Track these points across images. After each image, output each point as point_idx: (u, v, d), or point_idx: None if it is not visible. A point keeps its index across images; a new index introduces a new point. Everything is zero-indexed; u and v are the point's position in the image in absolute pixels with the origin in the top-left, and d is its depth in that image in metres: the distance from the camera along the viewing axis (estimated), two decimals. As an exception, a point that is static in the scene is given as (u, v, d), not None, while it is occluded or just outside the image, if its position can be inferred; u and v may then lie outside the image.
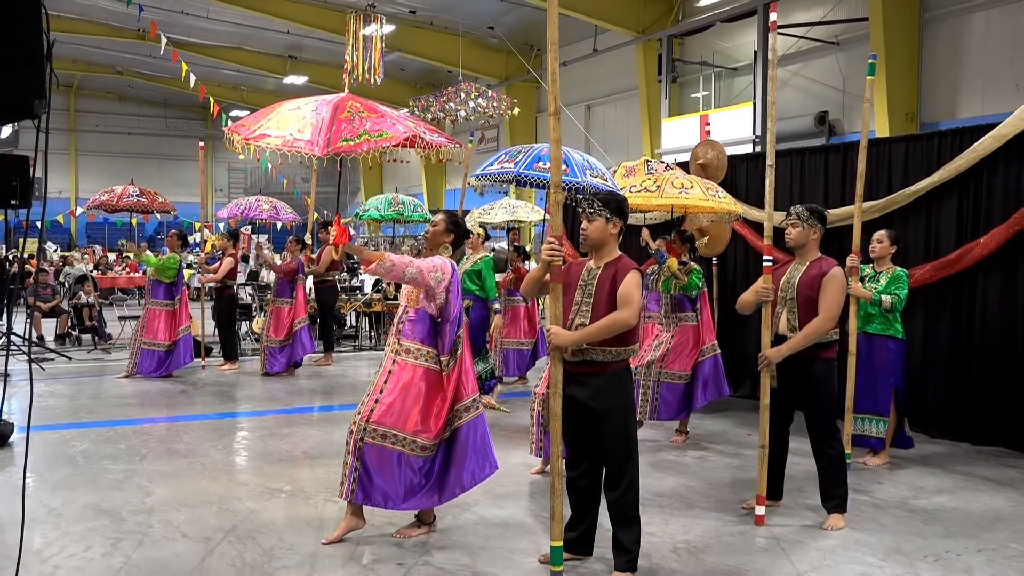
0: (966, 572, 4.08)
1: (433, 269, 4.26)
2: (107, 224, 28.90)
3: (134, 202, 11.66)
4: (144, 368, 9.49)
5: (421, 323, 4.30)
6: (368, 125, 5.18)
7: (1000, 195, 6.55)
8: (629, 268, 3.84)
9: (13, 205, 3.34)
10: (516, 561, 4.13)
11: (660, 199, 6.39)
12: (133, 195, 11.63)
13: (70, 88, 31.83)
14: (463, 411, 4.30)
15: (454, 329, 4.31)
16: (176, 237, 10.01)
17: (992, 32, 12.75)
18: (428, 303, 4.29)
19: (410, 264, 4.22)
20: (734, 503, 5.09)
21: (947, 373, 6.86)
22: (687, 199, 6.40)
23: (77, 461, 5.94)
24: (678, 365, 6.61)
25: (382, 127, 5.12)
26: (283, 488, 5.35)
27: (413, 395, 4.24)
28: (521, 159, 5.95)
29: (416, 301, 4.32)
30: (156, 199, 11.88)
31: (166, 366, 9.54)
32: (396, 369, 4.30)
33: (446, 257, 4.44)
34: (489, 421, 7.34)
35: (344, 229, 4.57)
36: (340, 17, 18.71)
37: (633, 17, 18.14)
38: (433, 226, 4.54)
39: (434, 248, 4.50)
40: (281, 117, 5.34)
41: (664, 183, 6.44)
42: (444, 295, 4.29)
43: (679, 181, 6.46)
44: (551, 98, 3.81)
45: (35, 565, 3.98)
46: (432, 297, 4.28)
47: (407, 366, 4.28)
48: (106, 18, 21.76)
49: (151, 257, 9.81)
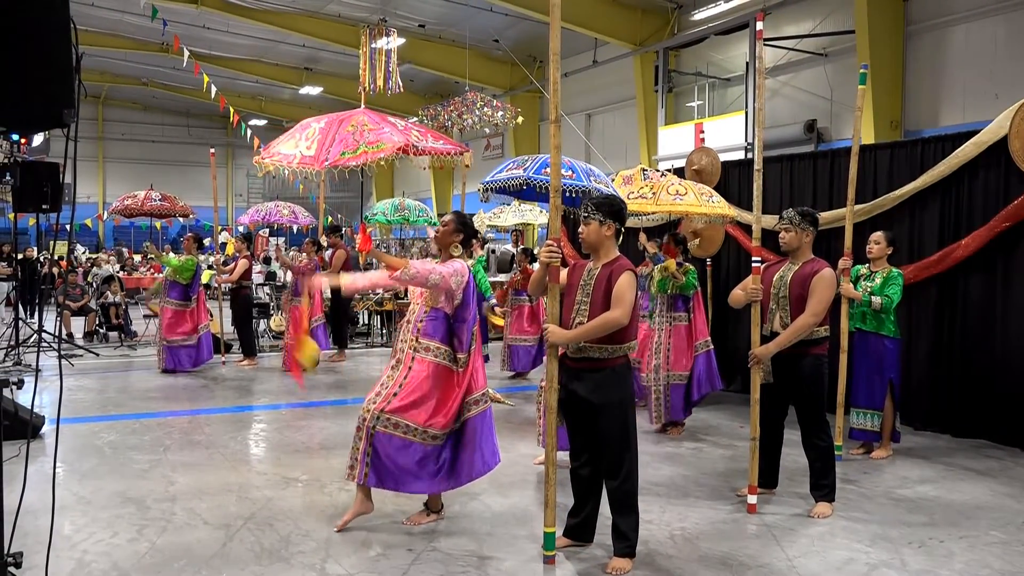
0: (948, 558, 4.07)
1: (454, 274, 4.25)
2: (132, 228, 28.94)
3: (157, 206, 11.69)
4: (171, 362, 9.53)
5: (439, 322, 4.30)
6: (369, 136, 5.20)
7: (981, 199, 6.54)
8: (624, 269, 3.84)
9: (44, 209, 3.35)
10: (520, 547, 4.12)
11: (655, 206, 6.38)
12: (155, 200, 11.66)
13: (98, 99, 31.87)
14: (473, 404, 4.31)
15: (470, 328, 4.32)
16: (192, 240, 10.03)
17: (972, 44, 12.72)
18: (446, 303, 4.29)
19: (433, 271, 4.21)
20: (728, 492, 5.08)
21: (930, 368, 6.84)
22: (681, 204, 6.39)
23: (104, 452, 5.95)
24: (680, 366, 6.61)
25: (380, 138, 5.14)
26: (299, 477, 5.35)
27: (430, 390, 4.24)
28: (529, 165, 6.00)
29: (435, 301, 4.32)
30: (176, 204, 11.91)
31: (194, 360, 9.58)
32: (415, 366, 4.29)
33: (458, 257, 4.43)
34: (496, 415, 7.36)
35: (368, 236, 4.57)
36: (354, 31, 18.71)
37: (631, 30, 18.13)
38: (444, 226, 4.52)
39: (444, 248, 4.48)
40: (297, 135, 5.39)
41: (659, 190, 6.43)
42: (462, 296, 4.30)
43: (674, 188, 6.45)
44: (553, 107, 3.81)
45: (65, 550, 3.99)
46: (451, 299, 4.28)
47: (426, 363, 4.28)
48: (132, 32, 21.79)
49: (172, 259, 9.85)
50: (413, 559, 3.95)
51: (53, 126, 2.83)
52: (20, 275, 14.38)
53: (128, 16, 19.85)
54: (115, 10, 19.24)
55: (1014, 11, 12.15)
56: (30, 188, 3.23)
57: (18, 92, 2.70)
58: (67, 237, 17.17)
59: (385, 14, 18.47)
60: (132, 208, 11.55)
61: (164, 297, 9.82)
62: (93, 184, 32.51)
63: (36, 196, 3.25)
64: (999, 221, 6.29)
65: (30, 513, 3.98)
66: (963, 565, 3.97)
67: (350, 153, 5.28)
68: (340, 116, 5.42)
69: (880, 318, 5.91)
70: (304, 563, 3.88)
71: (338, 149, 5.24)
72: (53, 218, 3.49)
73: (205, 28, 20.78)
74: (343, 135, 5.33)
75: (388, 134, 5.21)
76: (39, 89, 2.72)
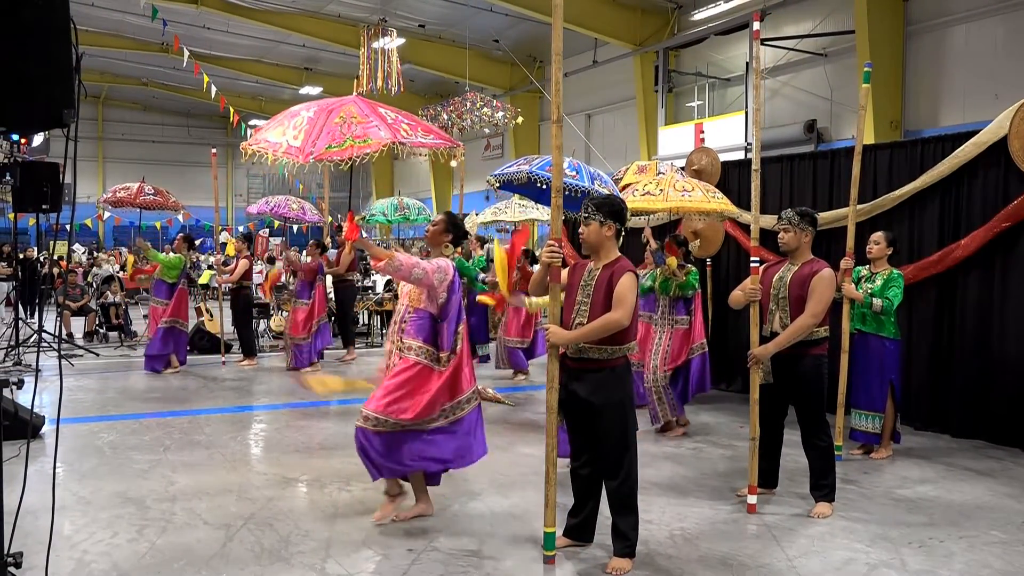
0: (948, 558, 4.06)
1: (437, 270, 4.27)
2: (132, 227, 28.92)
3: (150, 200, 11.68)
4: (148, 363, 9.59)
5: (422, 322, 4.30)
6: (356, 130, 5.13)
7: (980, 199, 6.54)
8: (625, 270, 3.83)
9: (44, 209, 3.35)
10: (520, 547, 4.12)
11: (664, 202, 6.37)
12: (149, 193, 11.65)
13: (98, 99, 31.87)
14: (465, 403, 4.34)
15: (453, 327, 4.31)
16: (183, 240, 10.05)
17: (972, 44, 12.72)
18: (430, 303, 4.30)
19: (416, 265, 4.23)
20: (727, 492, 5.08)
21: (929, 368, 6.84)
22: (690, 202, 6.39)
23: (104, 452, 5.95)
24: (671, 364, 6.60)
25: (367, 132, 5.07)
26: (299, 478, 5.35)
27: (413, 389, 4.24)
28: (536, 161, 6.15)
29: (419, 301, 4.33)
30: (169, 199, 11.90)
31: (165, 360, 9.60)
32: (398, 364, 4.32)
33: (448, 256, 4.45)
34: (496, 415, 7.34)
35: (356, 226, 4.57)
36: (354, 31, 18.74)
37: (631, 30, 18.13)
38: (433, 226, 4.58)
39: (436, 246, 4.52)
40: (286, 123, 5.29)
41: (667, 186, 6.44)
42: (446, 294, 4.30)
43: (680, 184, 6.46)
44: (554, 107, 3.80)
45: (65, 550, 3.99)
46: (434, 297, 4.29)
47: (408, 362, 4.28)
48: (132, 32, 21.80)
49: (157, 254, 9.86)
50: (413, 559, 3.95)
51: (53, 126, 2.83)
52: (20, 275, 14.37)
53: (128, 16, 19.87)
54: (115, 10, 19.25)
55: (1014, 11, 12.15)
56: (30, 188, 3.23)
57: (18, 92, 2.70)
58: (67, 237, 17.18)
59: (385, 14, 18.49)
60: (125, 200, 11.50)
61: (151, 295, 9.84)
62: (93, 184, 32.49)
63: (36, 196, 3.24)
64: (998, 221, 6.29)
65: (30, 513, 3.98)
66: (963, 565, 3.97)
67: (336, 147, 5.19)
68: (330, 106, 5.33)
69: (880, 319, 5.89)
70: (304, 563, 3.88)
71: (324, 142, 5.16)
72: (53, 218, 3.48)
73: (205, 28, 20.79)
74: (331, 127, 5.24)
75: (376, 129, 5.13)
76: (39, 89, 2.72)
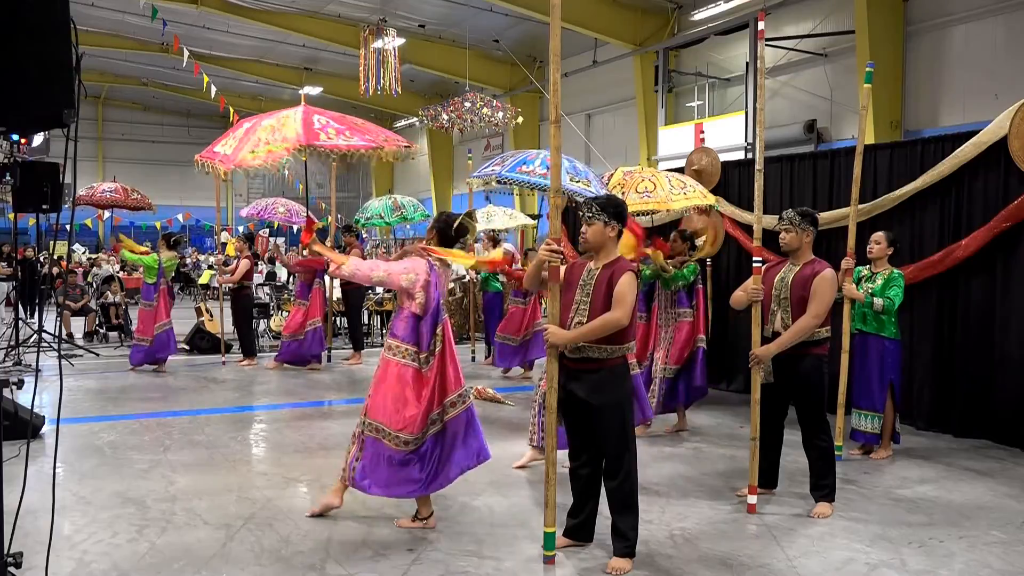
0: (948, 558, 4.06)
1: (405, 271, 4.20)
2: (132, 227, 28.92)
3: (108, 198, 11.62)
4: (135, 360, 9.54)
5: (405, 321, 4.25)
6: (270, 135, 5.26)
7: (981, 199, 6.53)
8: (625, 270, 3.82)
9: (44, 210, 3.34)
10: (520, 547, 4.12)
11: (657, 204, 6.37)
12: (107, 191, 11.58)
13: (98, 99, 31.88)
14: (450, 406, 4.25)
15: (430, 326, 4.23)
16: (163, 240, 10.07)
17: (972, 44, 12.72)
18: (409, 302, 4.25)
19: (376, 268, 4.18)
20: (727, 492, 5.08)
21: (930, 368, 6.83)
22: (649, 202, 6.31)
23: (104, 452, 5.95)
24: (674, 359, 6.59)
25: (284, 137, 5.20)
26: (299, 478, 5.35)
27: (391, 390, 4.21)
28: (508, 162, 6.05)
29: (401, 300, 4.31)
30: (131, 196, 11.82)
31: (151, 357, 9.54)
32: (381, 365, 4.31)
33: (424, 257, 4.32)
34: (493, 414, 7.34)
35: (309, 231, 4.57)
36: (354, 31, 18.74)
37: (631, 30, 18.14)
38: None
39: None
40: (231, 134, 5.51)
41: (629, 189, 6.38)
42: (422, 294, 4.23)
43: (642, 185, 6.36)
44: (553, 107, 3.80)
45: (65, 550, 3.99)
46: (411, 296, 4.24)
47: (390, 362, 4.26)
48: (132, 32, 21.80)
49: (131, 254, 9.83)
50: (413, 559, 3.95)
51: (53, 126, 2.83)
52: (20, 275, 14.37)
53: (128, 16, 19.87)
54: (115, 10, 19.25)
55: (1014, 11, 12.16)
56: (30, 188, 3.22)
57: (18, 92, 2.69)
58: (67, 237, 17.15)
59: (385, 14, 18.49)
60: (82, 198, 11.47)
61: (140, 298, 9.90)
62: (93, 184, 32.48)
63: (36, 196, 3.24)
64: (999, 221, 6.29)
65: (30, 513, 3.97)
66: (963, 565, 3.97)
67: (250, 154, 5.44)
68: (268, 115, 5.53)
69: (881, 319, 5.89)
70: (304, 563, 3.88)
71: (248, 149, 5.36)
72: (53, 218, 3.48)
73: (205, 28, 20.80)
74: (255, 138, 5.45)
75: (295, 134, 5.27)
76: (39, 89, 2.72)
